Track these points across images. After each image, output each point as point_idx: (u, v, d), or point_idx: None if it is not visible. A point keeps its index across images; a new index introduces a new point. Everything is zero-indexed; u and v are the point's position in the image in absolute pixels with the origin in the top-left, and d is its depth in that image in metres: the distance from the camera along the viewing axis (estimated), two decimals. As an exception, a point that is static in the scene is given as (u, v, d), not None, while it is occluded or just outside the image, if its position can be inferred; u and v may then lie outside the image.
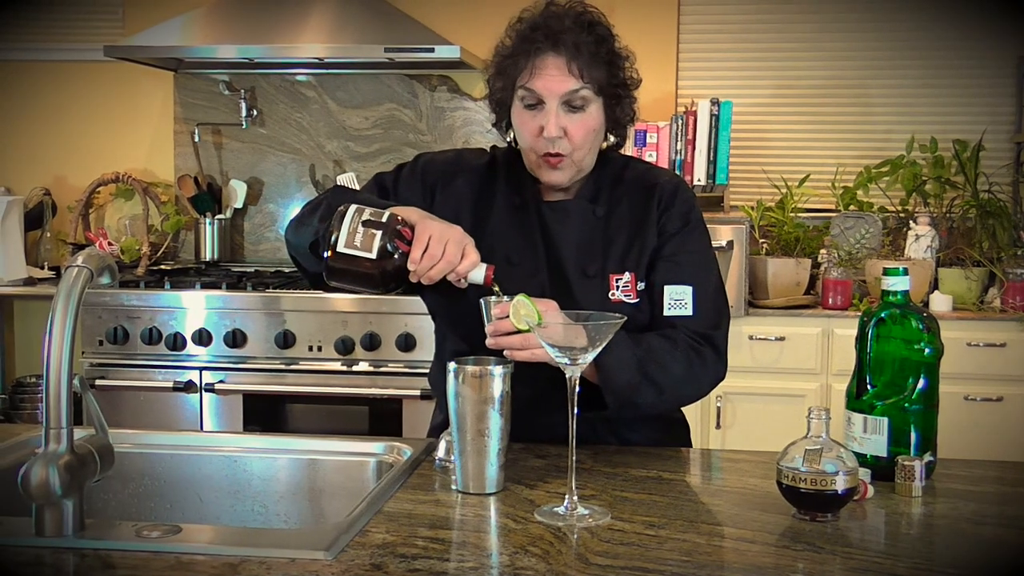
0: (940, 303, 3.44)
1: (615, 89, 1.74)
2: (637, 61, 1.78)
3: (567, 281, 1.75)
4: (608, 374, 1.61)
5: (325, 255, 1.55)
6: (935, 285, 3.54)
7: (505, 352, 1.53)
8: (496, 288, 1.57)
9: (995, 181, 3.66)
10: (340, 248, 1.54)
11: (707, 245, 1.83)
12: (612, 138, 1.81)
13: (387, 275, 1.55)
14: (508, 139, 1.83)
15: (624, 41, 1.78)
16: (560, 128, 1.68)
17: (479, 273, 1.57)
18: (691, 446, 1.90)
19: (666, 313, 1.75)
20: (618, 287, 1.76)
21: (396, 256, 1.54)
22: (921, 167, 3.78)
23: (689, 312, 1.75)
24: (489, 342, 1.56)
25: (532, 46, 1.69)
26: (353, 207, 1.56)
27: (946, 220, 3.70)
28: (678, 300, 1.75)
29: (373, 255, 1.53)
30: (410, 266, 1.54)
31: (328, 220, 1.58)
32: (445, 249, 1.54)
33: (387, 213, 1.56)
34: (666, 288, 1.76)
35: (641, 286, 1.77)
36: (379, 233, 1.53)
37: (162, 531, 1.27)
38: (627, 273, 1.77)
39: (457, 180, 1.85)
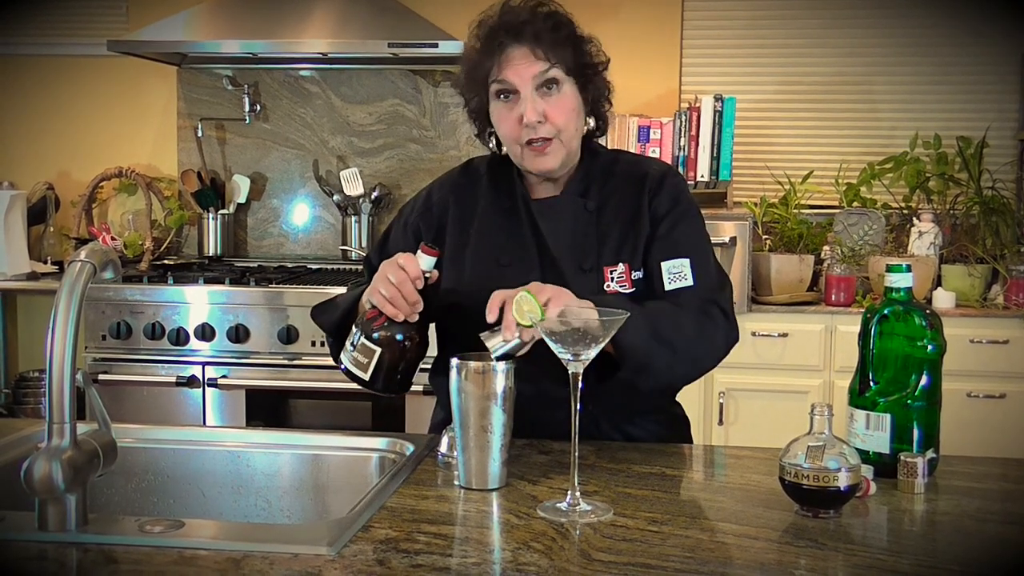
0: (943, 300, 3.43)
1: (583, 69, 1.77)
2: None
3: (562, 276, 1.74)
4: (619, 338, 1.56)
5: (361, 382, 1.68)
6: (938, 282, 3.54)
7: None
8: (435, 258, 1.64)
9: (999, 178, 3.66)
10: (366, 377, 1.65)
11: (701, 226, 1.84)
12: (592, 122, 1.82)
13: (395, 344, 1.62)
14: (492, 147, 1.86)
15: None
16: (539, 112, 1.71)
17: (425, 262, 1.62)
18: (692, 442, 1.90)
19: (667, 288, 1.75)
20: (613, 279, 1.77)
21: (382, 333, 1.62)
22: (925, 164, 3.78)
23: (690, 282, 1.75)
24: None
25: (494, 43, 1.73)
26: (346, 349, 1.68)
27: (949, 217, 3.69)
28: (677, 273, 1.75)
29: (377, 354, 1.62)
30: (394, 317, 1.60)
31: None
32: (390, 279, 1.60)
33: (359, 324, 1.66)
34: (663, 264, 1.76)
35: (636, 275, 1.77)
36: (360, 334, 1.64)
37: (165, 526, 1.27)
38: (621, 264, 1.77)
39: (432, 210, 1.89)
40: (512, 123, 1.73)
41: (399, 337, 1.61)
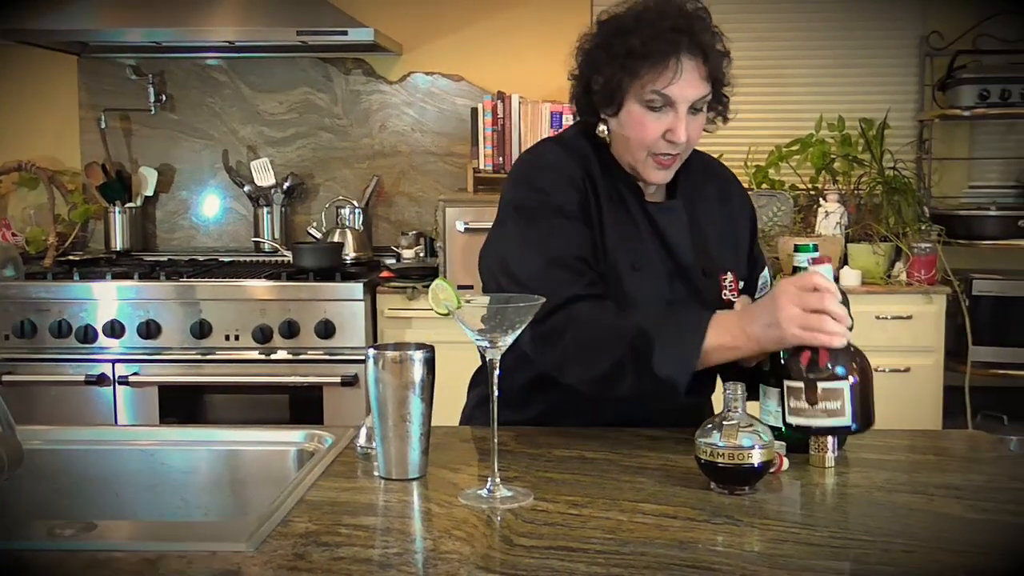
0: (849, 278, 3.51)
1: (721, 90, 1.71)
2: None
3: (692, 283, 1.74)
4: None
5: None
6: (845, 260, 3.62)
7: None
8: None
9: (900, 158, 3.75)
10: (848, 421, 1.41)
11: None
12: None
13: (854, 369, 1.42)
14: (602, 133, 1.74)
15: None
16: (687, 133, 1.66)
17: (827, 270, 1.46)
18: None
19: (757, 296, 1.77)
20: (727, 287, 1.77)
21: (833, 366, 1.41)
22: (830, 145, 3.86)
23: (768, 290, 1.79)
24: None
25: (673, 48, 1.62)
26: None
27: (854, 197, 3.78)
28: (764, 284, 1.81)
29: (847, 389, 1.40)
30: (832, 344, 1.41)
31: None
32: (806, 308, 1.43)
33: (792, 375, 1.42)
34: (759, 277, 1.82)
35: (741, 284, 1.79)
36: (804, 385, 1.41)
37: (77, 529, 1.24)
38: (729, 273, 1.78)
39: (571, 194, 1.70)
40: (654, 133, 1.65)
41: (853, 363, 1.41)
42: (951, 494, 1.40)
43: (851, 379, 1.39)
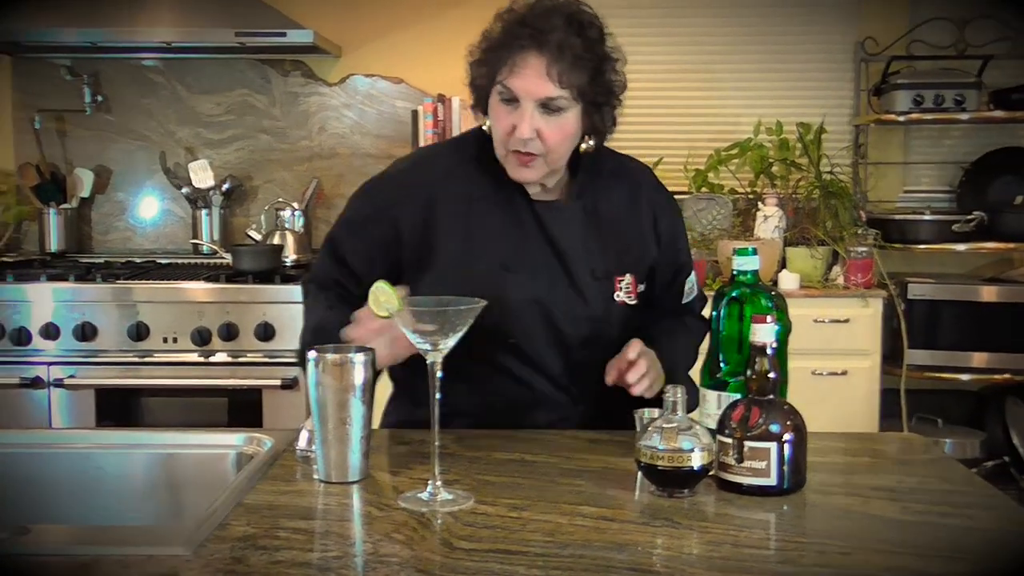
0: (788, 281, 3.56)
1: (596, 96, 1.68)
2: (477, 48, 1.74)
3: (577, 285, 1.74)
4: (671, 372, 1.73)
5: None
6: (783, 264, 3.67)
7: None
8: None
9: (836, 163, 3.81)
10: (773, 481, 1.42)
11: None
12: (591, 141, 1.74)
13: (786, 430, 1.41)
14: (485, 126, 1.75)
15: (479, 26, 1.76)
16: (533, 130, 1.63)
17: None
18: None
19: (684, 301, 1.87)
20: (622, 288, 1.77)
21: (762, 427, 1.42)
22: (767, 150, 3.90)
23: (696, 293, 1.90)
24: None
25: (515, 42, 1.63)
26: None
27: (792, 201, 3.83)
28: (690, 289, 1.89)
29: (774, 449, 1.40)
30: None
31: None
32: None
33: (726, 432, 1.44)
34: (686, 282, 1.88)
35: (641, 287, 1.79)
36: (735, 443, 1.42)
37: (9, 533, 1.22)
38: (628, 275, 1.78)
39: (407, 205, 1.74)
40: (505, 128, 1.66)
41: (788, 421, 1.41)
42: (885, 496, 1.43)
43: (786, 436, 1.40)
